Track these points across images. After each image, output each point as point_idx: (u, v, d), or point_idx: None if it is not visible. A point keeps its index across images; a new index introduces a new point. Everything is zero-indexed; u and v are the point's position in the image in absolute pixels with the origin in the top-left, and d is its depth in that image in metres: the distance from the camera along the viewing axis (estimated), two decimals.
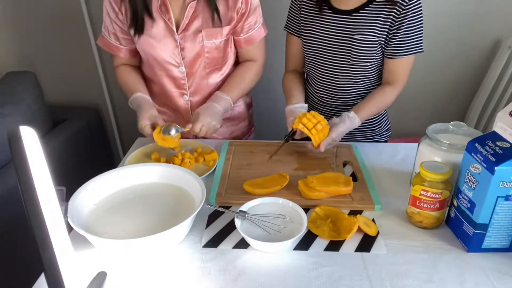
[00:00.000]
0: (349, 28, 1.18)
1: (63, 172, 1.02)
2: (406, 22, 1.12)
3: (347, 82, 1.27)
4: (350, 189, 0.99)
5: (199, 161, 1.15)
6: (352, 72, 1.24)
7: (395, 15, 1.12)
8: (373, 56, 1.20)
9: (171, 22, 1.19)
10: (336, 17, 1.19)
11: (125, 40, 1.27)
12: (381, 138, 1.41)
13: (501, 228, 0.80)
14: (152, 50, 1.23)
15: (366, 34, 1.16)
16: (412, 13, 1.11)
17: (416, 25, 1.13)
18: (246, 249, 0.84)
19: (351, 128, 1.17)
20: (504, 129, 0.79)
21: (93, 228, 0.83)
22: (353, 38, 1.18)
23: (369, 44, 1.17)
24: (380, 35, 1.16)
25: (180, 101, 1.33)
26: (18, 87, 1.64)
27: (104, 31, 1.27)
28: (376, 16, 1.15)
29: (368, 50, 1.18)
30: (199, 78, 1.29)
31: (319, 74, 1.30)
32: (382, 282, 0.76)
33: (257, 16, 1.28)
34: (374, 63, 1.22)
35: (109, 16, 1.23)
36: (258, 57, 1.35)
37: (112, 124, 2.21)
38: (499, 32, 1.91)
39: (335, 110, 1.35)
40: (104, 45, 1.30)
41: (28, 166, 0.48)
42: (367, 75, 1.25)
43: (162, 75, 1.28)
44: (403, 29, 1.13)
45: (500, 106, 1.96)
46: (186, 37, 1.21)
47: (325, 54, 1.25)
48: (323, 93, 1.33)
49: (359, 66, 1.22)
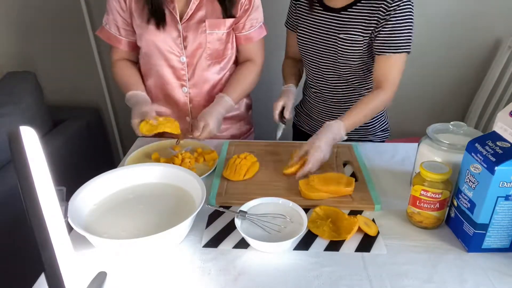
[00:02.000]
0: (336, 26, 1.19)
1: (63, 172, 1.02)
2: (392, 20, 1.11)
3: (335, 78, 1.28)
4: (351, 190, 0.99)
5: (199, 161, 1.15)
6: (340, 70, 1.25)
7: (381, 13, 1.11)
8: (359, 55, 1.20)
9: (175, 12, 1.20)
10: (326, 15, 1.21)
11: (126, 31, 1.27)
12: (376, 138, 1.39)
13: (501, 228, 0.80)
14: (155, 38, 1.23)
15: (351, 34, 1.17)
16: (400, 11, 1.10)
17: (403, 23, 1.11)
18: (246, 249, 0.84)
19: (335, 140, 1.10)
20: (504, 129, 0.79)
21: (93, 228, 0.83)
22: (338, 37, 1.19)
23: (354, 43, 1.17)
24: (365, 34, 1.15)
25: (178, 93, 1.33)
26: (18, 87, 1.64)
27: (105, 22, 1.28)
28: (363, 15, 1.15)
29: (354, 49, 1.18)
30: (200, 69, 1.29)
31: (311, 70, 1.33)
32: (382, 282, 0.76)
33: (259, 15, 1.30)
34: (361, 62, 1.22)
35: (111, 5, 1.23)
36: (258, 57, 1.36)
37: (112, 124, 2.21)
38: (499, 32, 1.91)
39: (329, 107, 1.36)
40: (103, 36, 1.30)
41: (28, 166, 0.48)
42: (355, 73, 1.25)
43: (162, 65, 1.28)
44: (389, 26, 1.11)
45: (500, 106, 1.96)
46: (189, 27, 1.22)
47: (315, 51, 1.26)
48: (316, 88, 1.35)
49: (346, 65, 1.23)
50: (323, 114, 1.38)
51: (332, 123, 1.10)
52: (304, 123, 1.48)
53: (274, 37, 1.45)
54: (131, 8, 1.22)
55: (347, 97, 1.31)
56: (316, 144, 1.06)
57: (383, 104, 1.19)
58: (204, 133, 1.18)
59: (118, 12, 1.24)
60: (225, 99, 1.27)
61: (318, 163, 1.06)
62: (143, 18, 1.21)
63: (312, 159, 1.05)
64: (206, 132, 1.18)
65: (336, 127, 1.10)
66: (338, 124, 1.10)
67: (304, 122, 1.48)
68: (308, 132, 1.47)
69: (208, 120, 1.19)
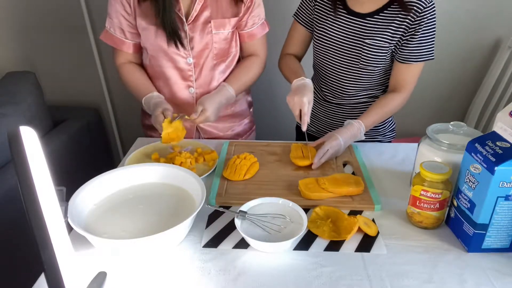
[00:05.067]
0: (362, 32, 1.17)
1: (63, 172, 1.02)
2: (422, 29, 1.11)
3: (353, 84, 1.27)
4: (362, 189, 1.00)
5: (199, 161, 1.15)
6: (360, 75, 1.24)
7: (409, 22, 1.11)
8: (382, 62, 1.20)
9: (181, 13, 1.20)
10: (350, 19, 1.19)
11: (132, 34, 1.26)
12: (385, 138, 1.40)
13: (501, 228, 0.80)
14: (161, 40, 1.22)
15: (378, 40, 1.15)
16: (428, 20, 1.10)
17: (430, 34, 1.12)
18: (246, 249, 0.84)
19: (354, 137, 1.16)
20: (504, 129, 0.79)
21: (93, 228, 0.83)
22: (364, 43, 1.17)
23: (380, 50, 1.17)
24: (392, 41, 1.15)
25: (185, 94, 1.33)
26: (18, 87, 1.64)
27: (108, 26, 1.27)
28: (390, 23, 1.14)
29: (378, 55, 1.18)
30: (206, 69, 1.29)
31: (326, 73, 1.31)
32: (382, 282, 0.76)
33: (261, 12, 1.31)
34: (383, 68, 1.22)
35: (115, 9, 1.23)
36: (261, 52, 1.37)
37: (112, 124, 2.21)
38: (499, 32, 1.91)
39: (338, 109, 1.35)
40: (108, 40, 1.29)
41: (28, 166, 0.48)
42: (373, 79, 1.25)
43: (169, 67, 1.28)
44: (418, 35, 1.12)
45: (500, 106, 1.96)
46: (195, 28, 1.22)
47: (335, 54, 1.25)
48: (328, 91, 1.34)
49: (368, 70, 1.22)
50: (333, 116, 1.37)
51: (354, 122, 1.16)
52: (310, 125, 1.45)
53: (274, 37, 1.45)
54: (135, 12, 1.22)
55: (360, 99, 1.31)
56: (335, 135, 1.13)
57: (398, 108, 1.22)
58: (201, 117, 1.18)
59: (123, 15, 1.23)
60: (227, 88, 1.28)
61: (334, 150, 1.11)
62: (148, 22, 1.20)
63: (329, 145, 1.11)
64: (203, 116, 1.18)
65: (357, 127, 1.16)
66: (359, 124, 1.16)
67: (310, 124, 1.45)
68: (315, 134, 1.45)
69: (206, 105, 1.19)
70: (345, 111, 1.34)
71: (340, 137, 1.12)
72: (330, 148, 1.11)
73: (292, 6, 1.35)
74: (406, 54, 1.15)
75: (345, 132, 1.14)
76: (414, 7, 1.09)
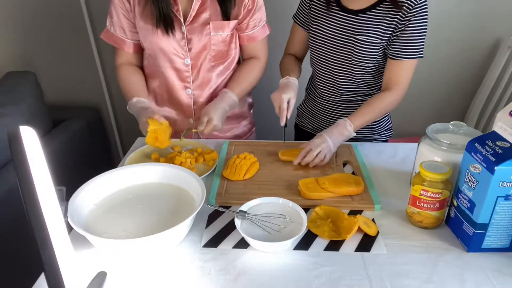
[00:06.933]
0: (354, 28, 1.18)
1: (63, 172, 1.02)
2: (412, 25, 1.11)
3: (347, 81, 1.27)
4: (361, 189, 1.00)
5: (199, 161, 1.15)
6: (353, 72, 1.25)
7: (400, 18, 1.12)
8: (374, 58, 1.20)
9: (179, 14, 1.20)
10: (343, 15, 1.20)
11: (132, 33, 1.27)
12: (381, 137, 1.41)
13: (501, 228, 0.80)
14: (159, 40, 1.22)
15: (369, 36, 1.16)
16: (418, 17, 1.11)
17: (420, 30, 1.13)
18: (246, 249, 0.84)
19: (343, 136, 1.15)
20: (504, 129, 0.79)
21: (93, 228, 0.83)
22: (356, 39, 1.18)
23: (371, 46, 1.17)
24: (383, 38, 1.16)
25: (182, 95, 1.33)
26: (18, 87, 1.64)
27: (109, 25, 1.27)
28: (381, 19, 1.15)
29: (370, 51, 1.18)
30: (204, 71, 1.30)
31: (321, 70, 1.32)
32: (382, 282, 0.76)
33: (262, 14, 1.30)
34: (375, 64, 1.22)
35: (115, 7, 1.23)
36: (261, 55, 1.37)
37: (112, 124, 2.21)
38: (499, 32, 1.91)
39: (334, 107, 1.35)
40: (109, 39, 1.29)
41: (28, 166, 0.48)
42: (367, 76, 1.25)
43: (166, 67, 1.28)
44: (408, 31, 1.12)
45: (500, 106, 1.96)
46: (193, 29, 1.22)
47: (328, 50, 1.26)
48: (324, 88, 1.34)
49: (360, 67, 1.22)
50: (329, 114, 1.37)
51: (341, 121, 1.17)
52: (307, 122, 1.47)
53: (274, 39, 1.45)
54: (135, 10, 1.22)
55: (355, 97, 1.31)
56: (321, 133, 1.15)
57: (391, 106, 1.22)
58: (207, 128, 1.19)
59: (124, 14, 1.23)
60: (229, 94, 1.28)
61: (318, 147, 1.11)
62: (147, 21, 1.21)
63: (312, 143, 1.12)
64: (209, 127, 1.19)
65: (342, 123, 1.16)
66: (344, 121, 1.16)
67: (308, 122, 1.47)
68: (312, 131, 1.46)
69: (211, 115, 1.19)
70: (341, 109, 1.35)
71: (325, 134, 1.14)
72: (313, 146, 1.11)
73: (293, 8, 1.35)
74: (396, 50, 1.16)
75: (330, 130, 1.15)
76: (405, 4, 1.11)
